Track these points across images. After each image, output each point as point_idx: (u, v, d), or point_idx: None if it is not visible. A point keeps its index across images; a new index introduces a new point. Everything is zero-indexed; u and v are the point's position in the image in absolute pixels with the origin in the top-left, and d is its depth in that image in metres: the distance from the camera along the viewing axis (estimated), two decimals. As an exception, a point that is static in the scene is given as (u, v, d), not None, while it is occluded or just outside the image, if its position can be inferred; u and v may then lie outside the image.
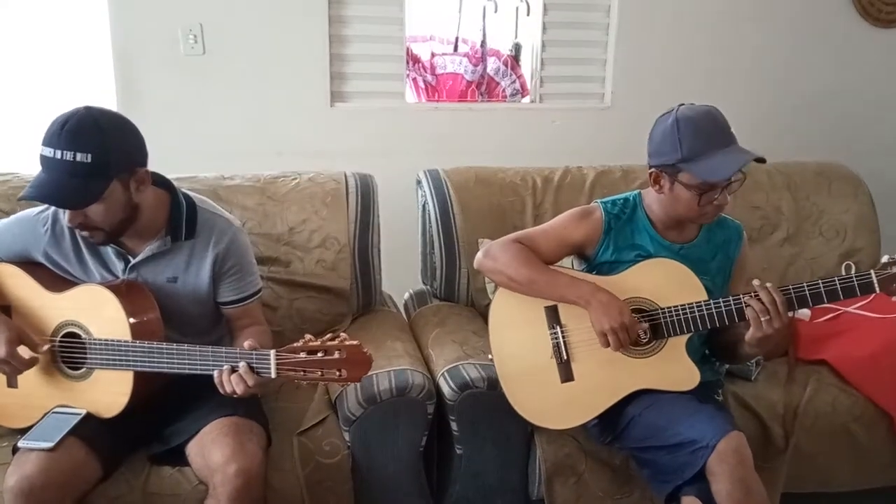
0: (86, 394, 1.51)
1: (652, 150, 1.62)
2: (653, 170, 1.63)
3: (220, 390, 1.41)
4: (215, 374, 1.41)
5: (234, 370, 1.40)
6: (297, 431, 1.65)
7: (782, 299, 1.50)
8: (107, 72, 2.42)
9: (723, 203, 1.59)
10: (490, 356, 1.71)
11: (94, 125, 1.39)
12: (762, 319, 1.50)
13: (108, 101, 2.39)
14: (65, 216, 1.45)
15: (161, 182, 1.57)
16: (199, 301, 1.60)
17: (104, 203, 1.42)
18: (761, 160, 1.56)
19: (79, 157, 1.36)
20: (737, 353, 1.65)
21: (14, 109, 2.56)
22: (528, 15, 2.90)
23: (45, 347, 1.51)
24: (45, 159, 1.39)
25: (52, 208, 1.57)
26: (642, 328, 1.60)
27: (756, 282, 1.53)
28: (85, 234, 1.48)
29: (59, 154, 1.37)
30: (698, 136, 1.54)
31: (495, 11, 3.02)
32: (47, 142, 1.38)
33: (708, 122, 1.56)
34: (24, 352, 1.47)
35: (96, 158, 1.37)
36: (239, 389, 1.39)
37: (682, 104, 1.60)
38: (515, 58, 3.05)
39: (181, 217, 1.56)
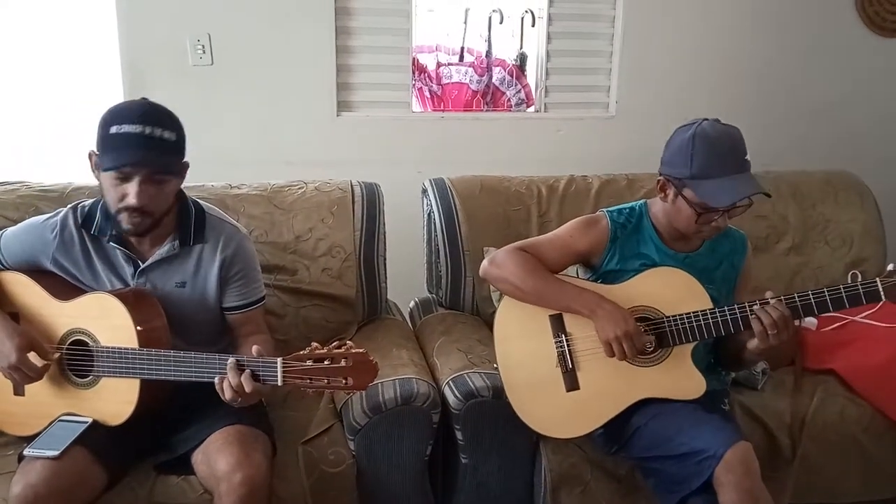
0: (92, 402, 1.51)
1: (665, 159, 1.63)
2: (661, 177, 1.63)
3: (221, 396, 1.41)
4: (216, 380, 1.41)
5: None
6: (303, 440, 1.65)
7: (789, 314, 1.50)
8: (115, 81, 2.44)
9: (721, 226, 1.60)
10: (495, 365, 1.71)
11: (167, 111, 1.48)
12: (769, 333, 1.50)
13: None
14: (134, 196, 1.43)
15: None
16: (206, 307, 1.61)
17: (171, 185, 1.49)
18: (766, 195, 1.56)
19: (166, 134, 1.44)
20: (739, 360, 1.65)
21: (23, 120, 2.58)
22: (533, 25, 2.91)
23: (57, 355, 1.51)
24: (129, 136, 1.41)
25: (61, 214, 1.58)
26: (648, 340, 1.60)
27: (769, 294, 1.53)
28: (136, 219, 1.47)
29: (147, 130, 1.42)
30: (711, 158, 1.54)
31: (501, 22, 3.04)
32: (130, 119, 1.42)
33: (725, 144, 1.55)
34: (34, 359, 1.47)
35: (178, 138, 1.48)
36: (231, 395, 1.39)
37: (707, 119, 1.59)
38: (520, 67, 3.06)
39: (190, 221, 1.58)
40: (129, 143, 1.42)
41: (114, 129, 1.42)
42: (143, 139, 1.42)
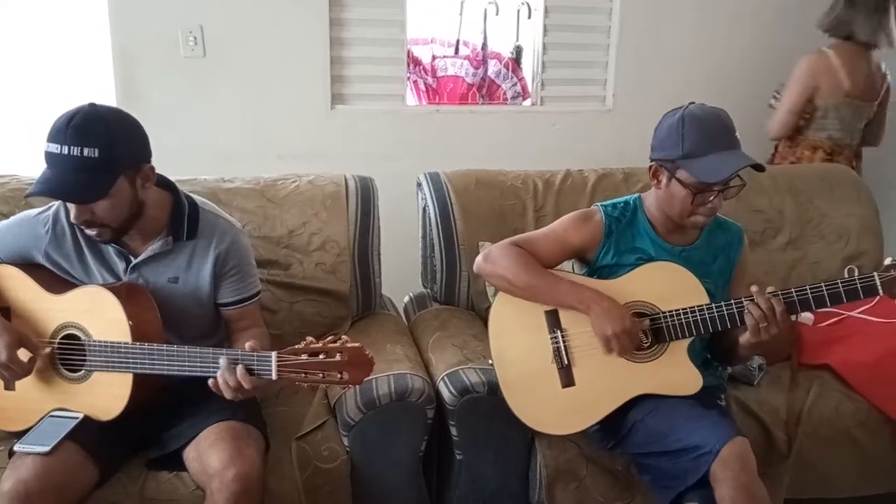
0: (84, 396, 1.50)
1: (655, 144, 1.62)
2: (653, 163, 1.62)
3: (219, 394, 1.40)
4: (210, 382, 1.40)
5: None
6: (296, 436, 1.64)
7: (782, 308, 1.50)
8: (107, 74, 2.42)
9: (716, 206, 1.59)
10: (490, 360, 1.70)
11: (100, 121, 1.39)
12: (760, 326, 1.50)
13: (107, 103, 2.39)
14: (71, 213, 1.43)
15: (163, 183, 1.57)
16: (199, 302, 1.59)
17: (111, 199, 1.41)
18: (760, 168, 1.56)
19: (86, 152, 1.36)
20: (733, 355, 1.65)
21: (14, 112, 2.56)
22: (529, 17, 2.90)
23: (46, 351, 1.50)
24: (51, 156, 1.38)
25: (53, 209, 1.57)
26: (644, 326, 1.59)
27: (754, 288, 1.52)
28: (91, 231, 1.47)
29: (65, 150, 1.36)
30: (702, 136, 1.54)
31: (496, 14, 3.02)
32: (53, 138, 1.37)
33: (714, 123, 1.56)
34: (23, 355, 1.46)
35: (103, 153, 1.37)
36: (230, 393, 1.38)
37: (693, 102, 1.60)
38: (516, 60, 3.05)
39: (183, 217, 1.56)
40: (48, 164, 1.39)
41: (44, 146, 1.38)
42: (60, 160, 1.36)
